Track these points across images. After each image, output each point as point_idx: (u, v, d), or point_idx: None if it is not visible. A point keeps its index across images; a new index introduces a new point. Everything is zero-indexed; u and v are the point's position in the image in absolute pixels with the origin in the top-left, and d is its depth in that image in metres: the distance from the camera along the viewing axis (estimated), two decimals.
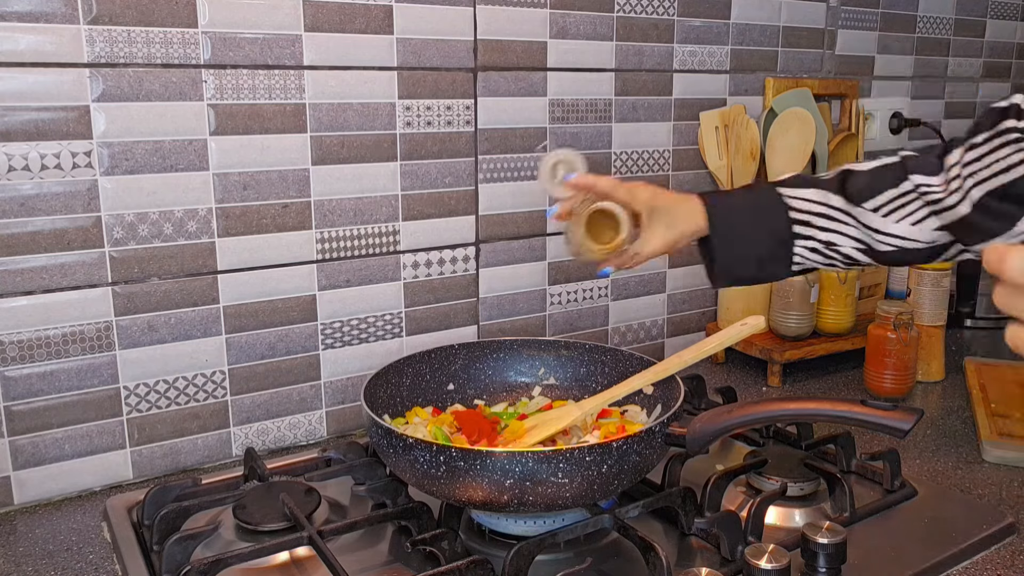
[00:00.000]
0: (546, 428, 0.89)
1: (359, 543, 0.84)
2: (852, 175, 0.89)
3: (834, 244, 0.89)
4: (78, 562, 0.84)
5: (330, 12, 1.03)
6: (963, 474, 1.02)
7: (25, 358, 0.92)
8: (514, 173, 1.22)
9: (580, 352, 1.05)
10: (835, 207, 0.88)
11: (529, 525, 0.82)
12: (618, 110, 1.30)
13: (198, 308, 1.01)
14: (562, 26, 1.22)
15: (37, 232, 0.91)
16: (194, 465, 1.05)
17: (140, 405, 1.00)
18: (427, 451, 0.76)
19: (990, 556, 0.84)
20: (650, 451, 0.79)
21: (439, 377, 1.03)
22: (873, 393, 1.26)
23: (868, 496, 0.92)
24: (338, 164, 1.07)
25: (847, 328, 1.39)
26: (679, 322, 1.45)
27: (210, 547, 0.82)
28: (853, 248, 0.89)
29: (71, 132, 0.91)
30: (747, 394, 1.28)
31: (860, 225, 0.88)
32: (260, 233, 1.04)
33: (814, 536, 0.77)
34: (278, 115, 1.02)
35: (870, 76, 1.64)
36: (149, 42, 0.93)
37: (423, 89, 1.12)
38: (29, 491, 0.95)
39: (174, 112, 0.96)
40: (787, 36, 1.48)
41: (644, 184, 0.91)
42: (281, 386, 1.09)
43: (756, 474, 0.93)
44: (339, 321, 1.11)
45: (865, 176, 0.89)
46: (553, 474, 0.73)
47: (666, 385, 0.93)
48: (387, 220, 1.13)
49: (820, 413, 0.77)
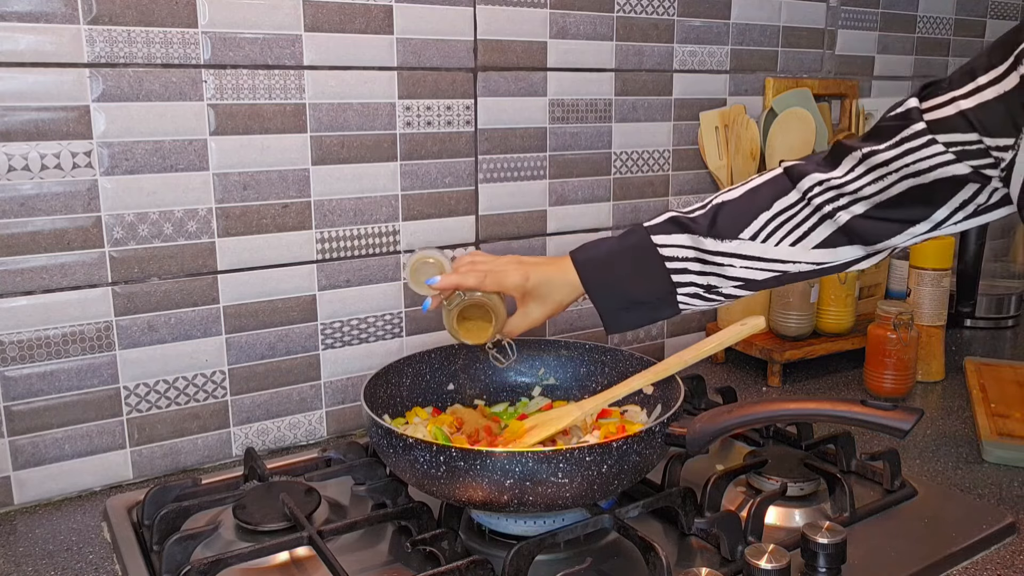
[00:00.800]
0: (546, 428, 0.89)
1: (359, 543, 0.84)
2: (723, 207, 0.88)
3: (714, 287, 0.89)
4: (78, 562, 0.84)
5: (330, 12, 1.03)
6: (963, 474, 1.02)
7: (25, 358, 0.92)
8: (514, 173, 1.22)
9: (580, 352, 1.05)
10: (709, 251, 0.87)
11: (529, 525, 0.82)
12: (618, 110, 1.30)
13: (198, 308, 1.01)
14: (562, 26, 1.22)
15: (37, 232, 0.91)
16: (194, 465, 1.05)
17: (140, 405, 1.00)
18: (427, 451, 0.76)
19: (990, 556, 0.84)
20: (650, 451, 0.79)
21: (439, 377, 1.03)
22: (873, 393, 1.26)
23: (868, 496, 0.92)
24: (338, 164, 1.07)
25: (847, 328, 1.39)
26: (679, 322, 1.45)
27: (210, 547, 0.82)
28: (733, 287, 0.89)
29: (71, 132, 0.91)
30: (747, 394, 1.28)
31: (738, 259, 0.87)
32: (260, 233, 1.04)
33: (814, 536, 0.77)
34: (278, 115, 1.02)
35: (870, 76, 1.64)
36: (149, 42, 0.93)
37: (423, 89, 1.12)
38: (29, 491, 0.95)
39: (174, 112, 0.96)
40: (787, 36, 1.48)
41: (514, 264, 0.91)
42: (281, 386, 1.09)
43: (756, 474, 0.93)
44: (339, 321, 1.11)
45: (737, 204, 0.88)
46: (553, 474, 0.73)
47: (666, 385, 0.93)
48: (387, 220, 1.12)
49: (820, 413, 0.77)
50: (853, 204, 0.83)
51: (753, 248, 0.87)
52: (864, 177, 0.81)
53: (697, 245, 0.88)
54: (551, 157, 1.25)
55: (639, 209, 1.36)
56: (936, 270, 1.32)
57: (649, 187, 1.37)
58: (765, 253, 0.87)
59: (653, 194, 1.37)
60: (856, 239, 0.85)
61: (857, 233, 0.84)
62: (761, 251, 0.87)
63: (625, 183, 1.34)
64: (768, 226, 0.86)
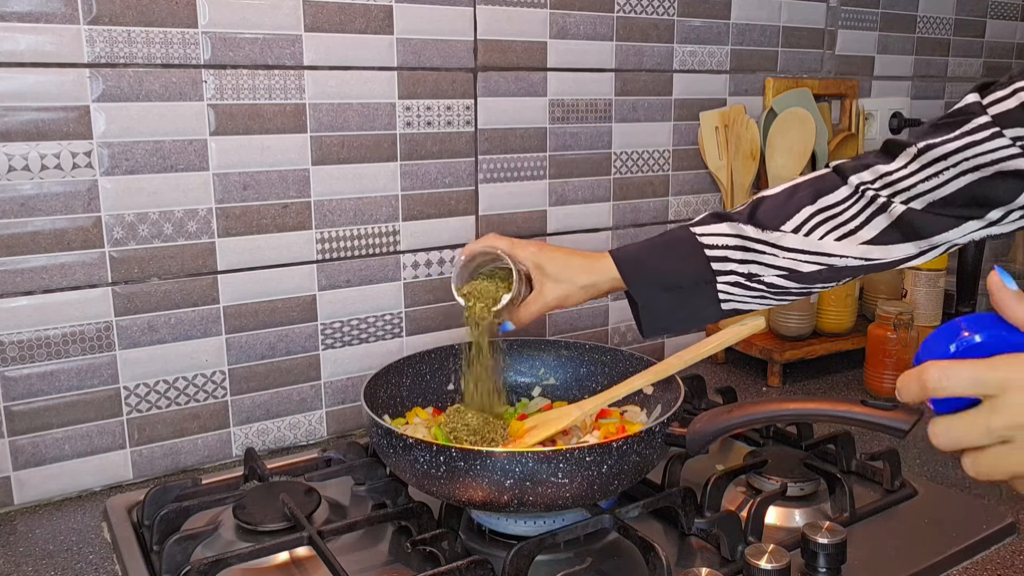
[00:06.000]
0: (546, 428, 0.89)
1: (359, 543, 0.84)
2: (763, 201, 0.88)
3: (756, 275, 0.87)
4: (78, 562, 0.84)
5: (330, 12, 1.03)
6: (963, 474, 1.01)
7: (25, 358, 0.92)
8: (514, 173, 1.22)
9: (580, 352, 1.05)
10: (749, 237, 0.86)
11: (529, 525, 0.82)
12: (618, 110, 1.30)
13: (198, 308, 1.01)
14: (562, 26, 1.22)
15: (37, 232, 0.91)
16: (194, 465, 1.05)
17: (140, 405, 1.00)
18: (427, 451, 0.76)
19: (990, 556, 0.84)
20: (650, 451, 0.79)
21: (439, 377, 1.03)
22: (873, 393, 1.26)
23: (868, 496, 0.92)
24: (338, 164, 1.07)
25: (847, 328, 1.39)
26: None
27: (210, 547, 0.82)
28: (777, 276, 0.87)
29: (71, 132, 0.91)
30: (747, 394, 1.28)
31: (780, 250, 0.86)
32: (260, 233, 1.04)
33: (814, 536, 0.77)
34: (278, 115, 1.02)
35: (870, 76, 1.64)
36: (149, 42, 0.93)
37: (423, 89, 1.12)
38: (29, 491, 0.95)
39: (174, 112, 0.96)
40: (787, 36, 1.48)
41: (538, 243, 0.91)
42: (281, 386, 1.09)
43: (756, 474, 0.93)
44: (339, 321, 1.11)
45: (777, 199, 0.87)
46: (553, 474, 0.73)
47: (666, 385, 0.93)
48: (387, 220, 1.12)
49: (820, 413, 0.77)
50: (909, 197, 0.81)
51: (795, 240, 0.85)
52: (922, 171, 0.80)
53: (738, 232, 0.87)
54: (551, 157, 1.25)
55: (639, 209, 1.36)
56: (932, 270, 1.32)
57: (649, 187, 1.37)
58: (807, 246, 0.85)
59: (653, 194, 1.37)
60: (911, 234, 0.83)
61: (912, 227, 0.82)
62: (803, 244, 0.85)
63: (625, 183, 1.34)
64: (812, 220, 0.85)
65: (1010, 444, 0.47)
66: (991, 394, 0.47)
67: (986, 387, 0.47)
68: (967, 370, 0.47)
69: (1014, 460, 0.48)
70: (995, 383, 0.46)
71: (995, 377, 0.46)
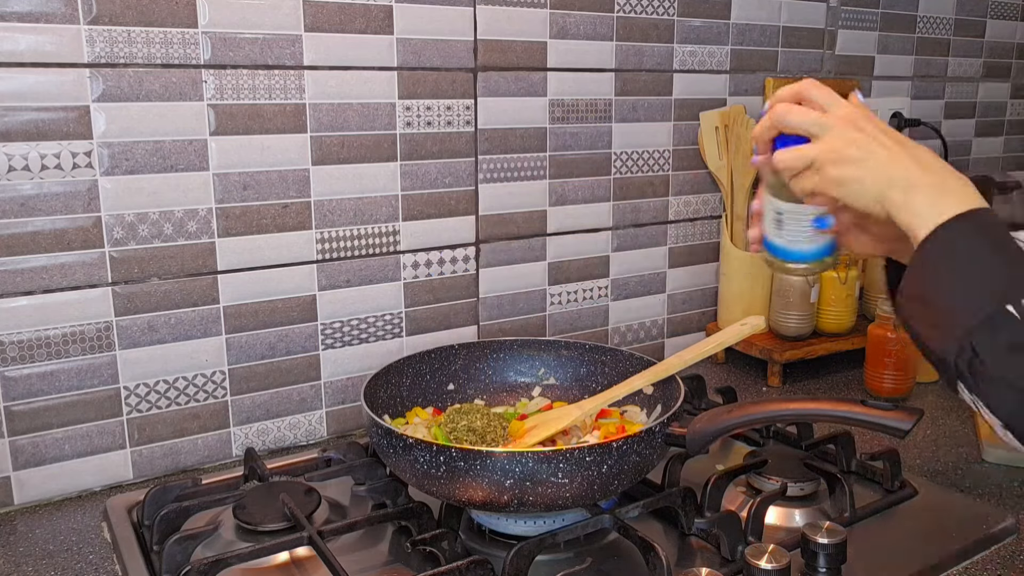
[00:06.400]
0: (546, 428, 0.89)
1: (359, 543, 0.84)
2: None
3: None
4: (78, 562, 0.84)
5: (330, 12, 1.03)
6: (963, 474, 1.02)
7: (25, 358, 0.92)
8: (514, 173, 1.22)
9: (580, 352, 1.05)
10: None
11: (529, 525, 0.82)
12: (618, 110, 1.30)
13: (198, 308, 1.01)
14: (562, 26, 1.22)
15: (37, 232, 0.91)
16: (194, 465, 1.05)
17: (140, 405, 1.00)
18: (427, 451, 0.76)
19: (990, 556, 0.84)
20: (650, 451, 0.79)
21: (439, 377, 1.03)
22: (873, 393, 1.26)
23: (868, 496, 0.92)
24: (338, 164, 1.07)
25: (847, 328, 1.39)
26: (679, 322, 1.45)
27: (210, 547, 0.81)
28: None
29: (71, 132, 0.91)
30: (747, 394, 1.28)
31: None
32: (260, 233, 1.04)
33: (814, 536, 0.77)
34: (278, 115, 1.02)
35: (870, 76, 1.64)
36: (149, 42, 0.93)
37: (423, 89, 1.12)
38: (29, 491, 0.95)
39: (174, 112, 0.96)
40: (787, 36, 1.48)
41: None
42: (281, 386, 1.09)
43: (756, 474, 0.93)
44: (339, 321, 1.11)
45: None
46: (553, 474, 0.73)
47: (666, 385, 0.93)
48: (387, 220, 1.13)
49: (820, 413, 0.77)
50: None
51: None
52: None
53: None
54: (551, 157, 1.25)
55: (639, 209, 1.36)
56: None
57: (649, 187, 1.37)
58: None
59: (653, 194, 1.37)
60: None
61: None
62: None
63: (625, 183, 1.34)
64: None
65: (813, 169, 0.68)
66: (815, 134, 0.68)
67: (818, 128, 0.68)
68: (812, 113, 0.68)
69: (813, 180, 0.69)
70: (823, 124, 0.68)
71: (824, 121, 0.68)
